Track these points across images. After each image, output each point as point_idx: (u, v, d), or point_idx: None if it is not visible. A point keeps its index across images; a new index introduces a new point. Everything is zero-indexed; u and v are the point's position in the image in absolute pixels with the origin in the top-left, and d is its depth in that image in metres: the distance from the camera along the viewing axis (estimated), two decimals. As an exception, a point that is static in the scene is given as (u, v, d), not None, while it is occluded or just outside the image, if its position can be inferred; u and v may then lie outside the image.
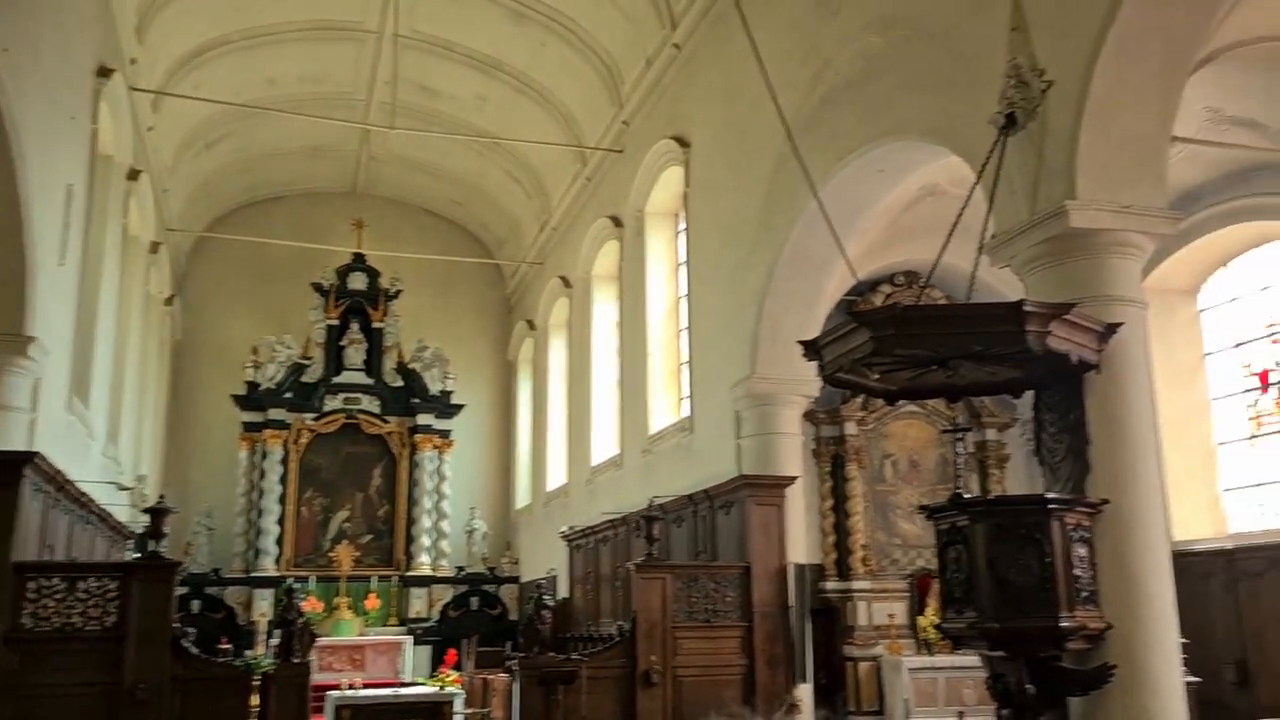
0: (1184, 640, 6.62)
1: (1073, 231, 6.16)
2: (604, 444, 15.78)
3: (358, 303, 19.57)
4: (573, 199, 17.53)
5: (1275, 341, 11.82)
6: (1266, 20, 7.96)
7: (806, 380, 10.29)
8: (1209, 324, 12.70)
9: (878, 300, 12.22)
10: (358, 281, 19.66)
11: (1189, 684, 6.55)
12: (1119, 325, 6.02)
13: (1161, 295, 12.57)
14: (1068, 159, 6.19)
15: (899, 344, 5.64)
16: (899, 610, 11.84)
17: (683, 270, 13.47)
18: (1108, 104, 6.13)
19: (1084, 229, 6.15)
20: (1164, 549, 6.09)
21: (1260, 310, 11.97)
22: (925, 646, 11.47)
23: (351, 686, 11.14)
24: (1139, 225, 6.27)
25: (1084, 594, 5.70)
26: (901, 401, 11.49)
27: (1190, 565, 11.29)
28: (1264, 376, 11.96)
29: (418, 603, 18.38)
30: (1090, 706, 5.81)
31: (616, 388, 15.47)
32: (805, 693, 9.95)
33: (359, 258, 19.67)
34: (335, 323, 19.35)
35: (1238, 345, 12.29)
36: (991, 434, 12.82)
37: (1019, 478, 12.53)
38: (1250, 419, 12.14)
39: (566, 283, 18.01)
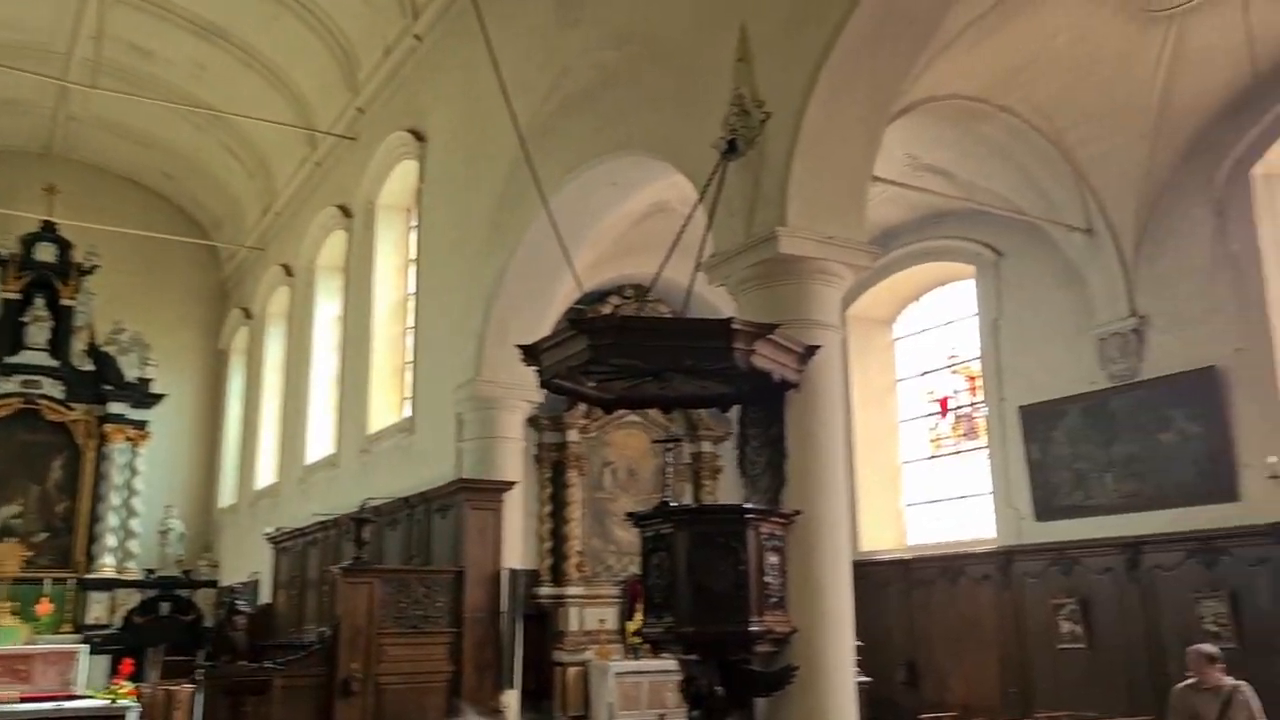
0: (859, 643, 7.16)
1: (781, 257, 6.49)
2: (320, 442, 15.09)
3: (44, 276, 17.54)
4: (300, 184, 16.68)
5: (955, 372, 13.08)
6: (958, 79, 8.79)
7: (531, 385, 10.23)
8: (901, 352, 13.87)
9: (606, 311, 12.41)
10: (46, 253, 17.63)
11: (861, 684, 7.06)
12: (818, 348, 6.39)
13: (862, 323, 13.62)
14: (780, 188, 6.53)
15: (615, 353, 5.72)
16: (610, 616, 12.06)
17: (412, 267, 13.14)
18: (818, 140, 6.52)
19: (791, 255, 6.50)
20: (846, 558, 6.54)
21: (944, 342, 13.21)
22: (633, 651, 11.74)
23: (5, 701, 9.95)
24: (841, 256, 6.70)
25: (773, 599, 5.99)
26: (623, 411, 11.88)
27: (873, 573, 12.26)
28: (944, 403, 13.22)
29: (98, 608, 16.72)
30: (773, 706, 6.11)
31: (336, 384, 14.86)
32: (512, 698, 9.92)
33: (49, 226, 17.63)
34: (16, 296, 17.27)
35: (924, 373, 13.49)
36: (707, 446, 13.31)
37: (731, 489, 13.11)
38: (931, 441, 13.36)
39: (288, 271, 17.11)
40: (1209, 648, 7.12)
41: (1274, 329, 9.13)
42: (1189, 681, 7.08)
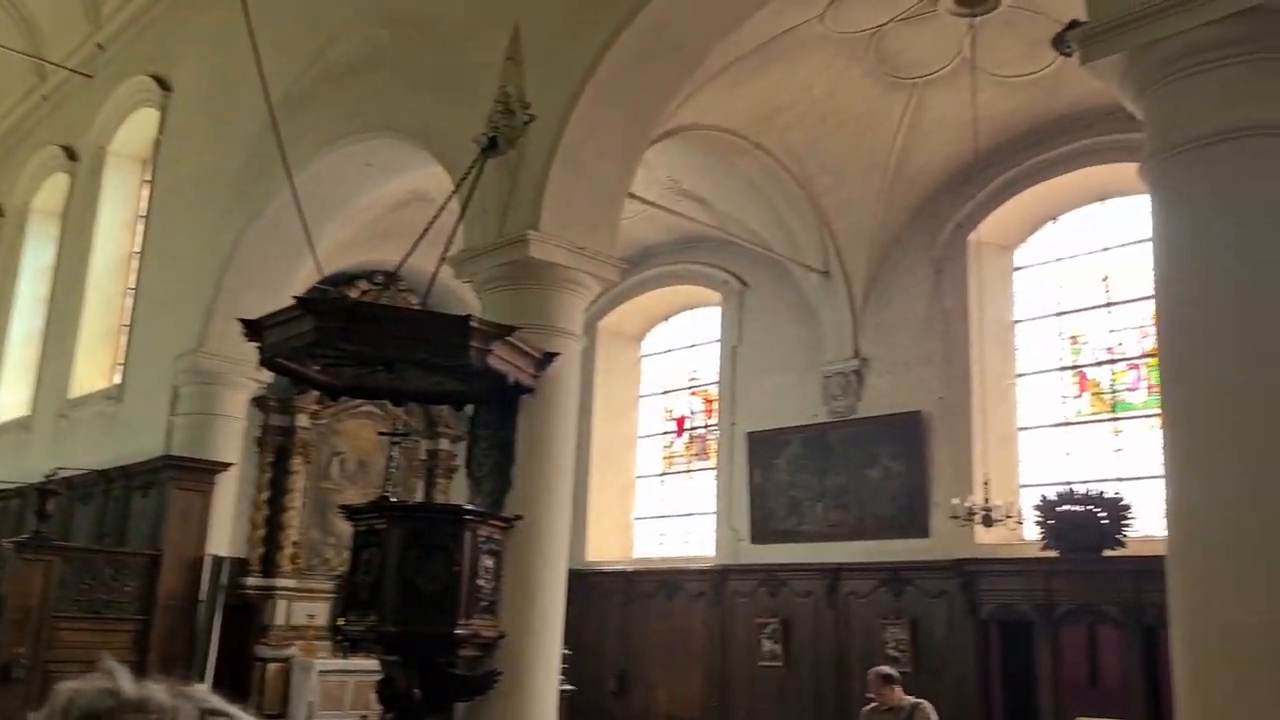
0: (570, 651, 7.22)
1: (530, 260, 6.50)
2: (11, 402, 13.64)
3: None
4: (22, 117, 15.09)
5: (694, 393, 13.52)
6: (721, 113, 9.13)
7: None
8: (647, 369, 14.18)
9: (353, 295, 11.93)
10: None
11: (564, 691, 7.11)
12: (556, 355, 6.42)
13: (612, 337, 13.84)
14: (537, 192, 6.53)
15: (344, 338, 5.51)
16: (321, 611, 11.55)
17: (141, 224, 12.15)
18: (578, 150, 6.57)
19: (541, 260, 6.52)
20: (563, 566, 6.58)
21: (687, 364, 13.63)
22: (343, 649, 11.30)
23: None
24: (589, 267, 6.79)
25: (484, 603, 5.95)
26: (359, 399, 11.47)
27: (597, 583, 12.45)
28: (680, 422, 13.64)
29: None
30: (473, 711, 6.05)
31: (39, 340, 13.48)
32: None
33: None
34: None
35: (665, 392, 13.87)
36: (445, 444, 13.05)
37: (465, 490, 12.93)
38: (665, 458, 13.74)
39: (-2, 210, 15.41)
40: (885, 669, 7.60)
41: (973, 382, 10.04)
42: (872, 704, 7.49)
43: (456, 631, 5.69)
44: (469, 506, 6.12)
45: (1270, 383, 3.68)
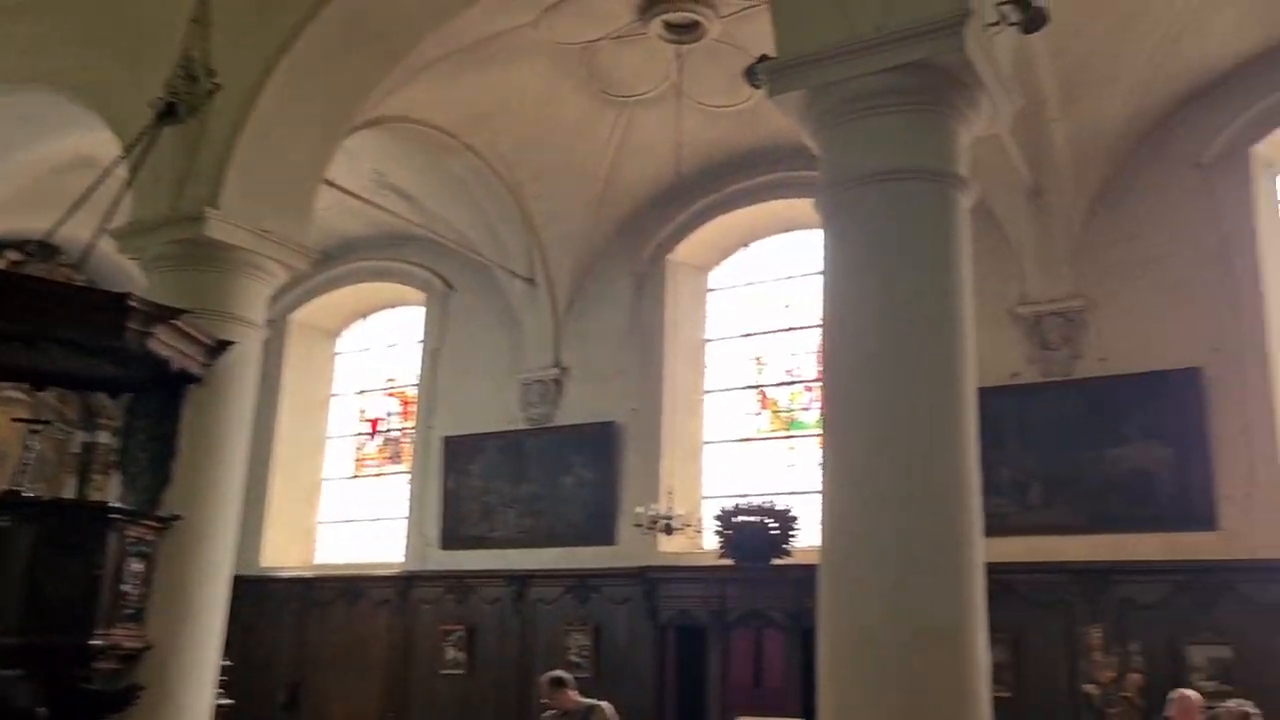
0: (230, 663, 6.73)
1: (208, 240, 6.07)
2: None
3: None
4: None
5: (391, 395, 13.12)
6: (433, 108, 8.91)
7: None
8: (341, 367, 13.57)
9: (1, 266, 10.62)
10: None
11: (222, 706, 6.60)
12: (231, 344, 5.99)
13: (306, 331, 13.16)
14: (219, 168, 6.10)
15: (-30, 309, 4.83)
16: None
17: None
18: (269, 127, 6.21)
19: (219, 241, 6.11)
20: (225, 571, 6.14)
21: (385, 364, 13.18)
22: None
23: None
24: (274, 252, 6.41)
25: (129, 611, 5.44)
26: None
27: (274, 591, 11.76)
28: (375, 424, 13.18)
29: None
30: (110, 730, 5.49)
31: None
32: None
33: None
34: None
35: (361, 392, 13.34)
36: (104, 437, 11.88)
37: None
38: (356, 460, 13.21)
39: None
40: (555, 674, 7.49)
41: (664, 396, 10.40)
42: (549, 710, 7.44)
43: (93, 642, 5.15)
44: (117, 504, 5.55)
45: (908, 404, 4.02)
